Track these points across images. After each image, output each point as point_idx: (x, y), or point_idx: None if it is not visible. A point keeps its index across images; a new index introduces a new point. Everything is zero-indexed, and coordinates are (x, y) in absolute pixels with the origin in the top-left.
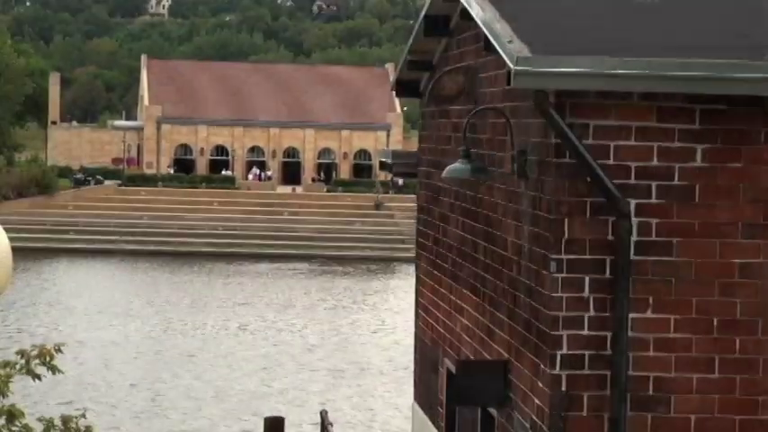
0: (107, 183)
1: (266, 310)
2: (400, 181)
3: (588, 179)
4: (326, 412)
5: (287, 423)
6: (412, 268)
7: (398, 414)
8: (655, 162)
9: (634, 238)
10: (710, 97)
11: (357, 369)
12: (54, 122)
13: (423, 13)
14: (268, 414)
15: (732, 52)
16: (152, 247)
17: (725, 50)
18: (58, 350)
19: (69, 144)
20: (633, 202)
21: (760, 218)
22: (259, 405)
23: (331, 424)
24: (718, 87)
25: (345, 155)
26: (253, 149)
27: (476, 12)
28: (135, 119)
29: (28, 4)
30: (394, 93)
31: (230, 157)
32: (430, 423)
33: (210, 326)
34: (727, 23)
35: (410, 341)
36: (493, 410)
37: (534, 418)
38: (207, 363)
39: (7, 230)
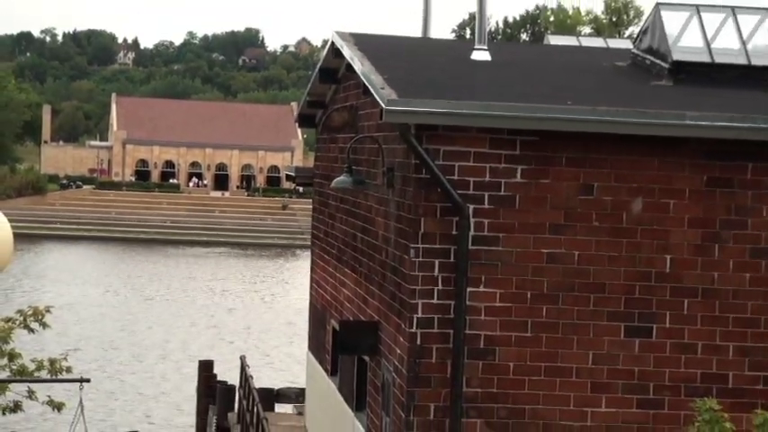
0: (85, 187)
1: (201, 282)
2: (301, 189)
3: (439, 189)
4: (245, 357)
5: (215, 365)
6: (308, 253)
7: (297, 359)
8: (487, 178)
9: (471, 233)
10: (527, 131)
11: (266, 326)
12: (46, 142)
13: (318, 66)
14: (201, 358)
15: (544, 99)
16: (117, 235)
17: (539, 97)
18: (48, 311)
19: (57, 158)
20: (471, 207)
21: (561, 219)
22: (194, 351)
23: (248, 366)
24: (532, 124)
25: (261, 169)
26: (193, 164)
27: (357, 66)
28: (106, 140)
29: (28, 54)
30: (297, 124)
31: (176, 170)
32: (319, 366)
33: (160, 293)
34: (543, 79)
35: (306, 306)
36: (366, 358)
37: (397, 363)
38: (156, 320)
39: (9, 221)
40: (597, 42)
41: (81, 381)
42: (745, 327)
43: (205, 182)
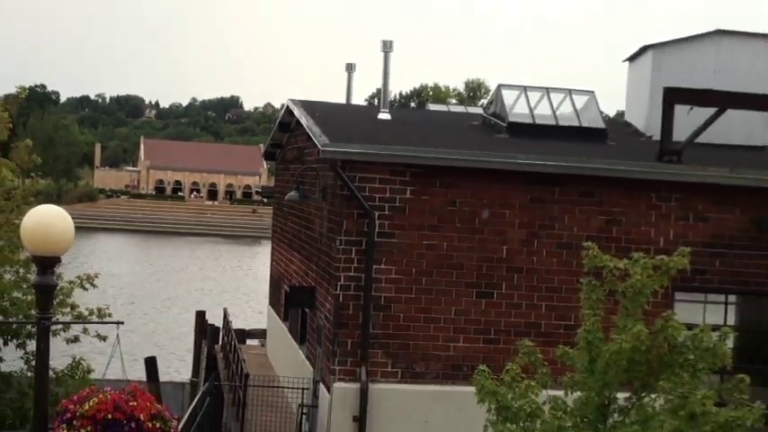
0: (122, 197)
1: (199, 260)
2: (265, 200)
3: (355, 201)
4: (227, 309)
5: (207, 313)
6: (269, 242)
7: (262, 311)
8: (387, 194)
9: (376, 230)
10: (414, 165)
11: (241, 288)
12: (97, 167)
13: (278, 120)
14: (198, 309)
15: (426, 144)
16: (143, 229)
17: (422, 143)
18: (96, 276)
19: (104, 178)
20: (377, 213)
21: (435, 222)
22: (191, 305)
23: (229, 314)
24: (418, 161)
25: (239, 187)
26: (194, 183)
27: (303, 121)
28: (136, 166)
29: (86, 110)
30: (263, 158)
31: (182, 186)
32: (276, 315)
33: (172, 267)
34: (425, 132)
35: (268, 275)
36: (307, 310)
37: (326, 313)
38: (168, 284)
39: (72, 218)
40: (460, 109)
41: (117, 323)
42: (553, 293)
43: (201, 195)
